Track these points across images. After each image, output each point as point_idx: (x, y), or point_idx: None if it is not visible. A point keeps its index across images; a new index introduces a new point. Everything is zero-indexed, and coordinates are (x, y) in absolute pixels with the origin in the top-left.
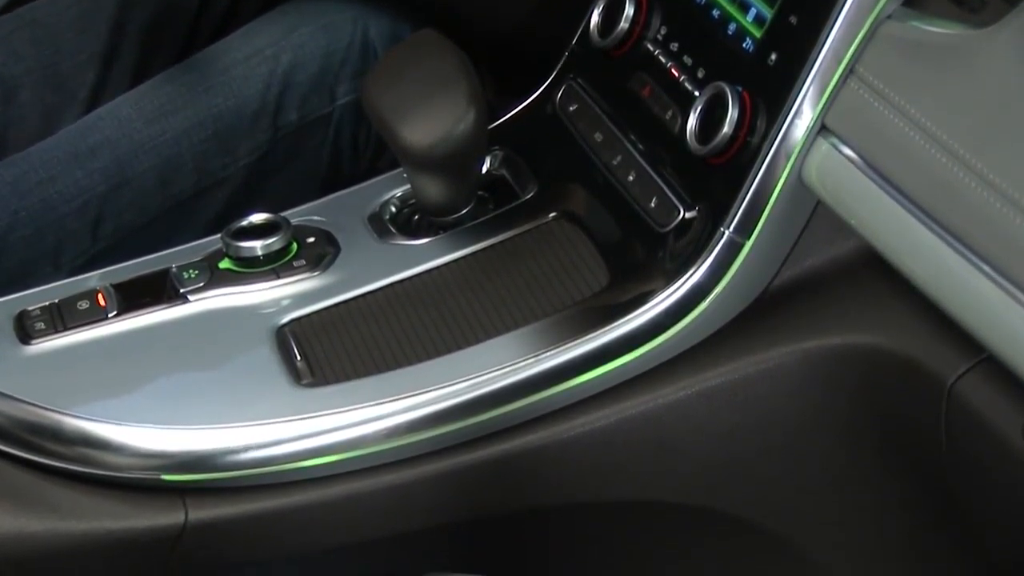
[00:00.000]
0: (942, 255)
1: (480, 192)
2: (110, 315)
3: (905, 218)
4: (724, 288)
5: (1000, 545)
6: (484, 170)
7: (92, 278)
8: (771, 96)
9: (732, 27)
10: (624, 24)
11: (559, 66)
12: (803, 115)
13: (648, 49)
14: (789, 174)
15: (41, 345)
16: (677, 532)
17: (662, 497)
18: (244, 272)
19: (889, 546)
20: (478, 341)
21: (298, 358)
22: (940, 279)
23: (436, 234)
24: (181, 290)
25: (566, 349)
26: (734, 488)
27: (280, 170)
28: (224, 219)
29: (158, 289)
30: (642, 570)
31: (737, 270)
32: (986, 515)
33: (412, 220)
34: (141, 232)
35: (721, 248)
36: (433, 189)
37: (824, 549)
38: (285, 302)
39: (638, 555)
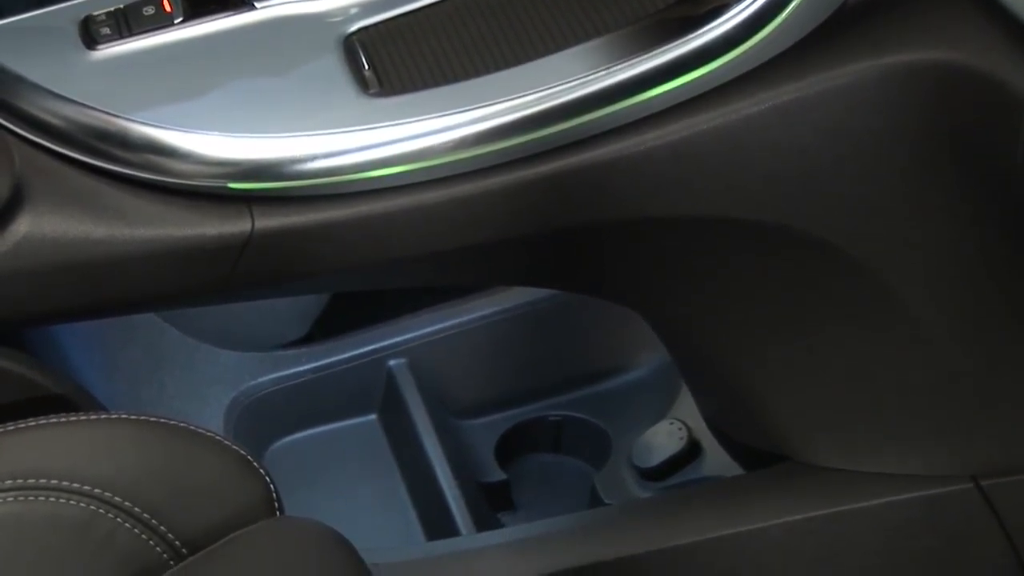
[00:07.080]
0: None
1: None
2: (176, 21)
3: None
4: (802, 0)
5: None
6: None
7: None
8: None
9: None
10: None
11: None
12: None
13: None
14: None
15: (106, 50)
16: (747, 250)
17: (733, 213)
18: None
19: (962, 268)
20: (549, 53)
21: (366, 67)
22: None
23: None
24: None
25: (639, 62)
26: (806, 205)
27: None
28: None
29: None
30: (710, 288)
31: None
32: None
33: None
34: None
35: None
36: None
37: (895, 269)
38: (353, 10)
39: (708, 273)
